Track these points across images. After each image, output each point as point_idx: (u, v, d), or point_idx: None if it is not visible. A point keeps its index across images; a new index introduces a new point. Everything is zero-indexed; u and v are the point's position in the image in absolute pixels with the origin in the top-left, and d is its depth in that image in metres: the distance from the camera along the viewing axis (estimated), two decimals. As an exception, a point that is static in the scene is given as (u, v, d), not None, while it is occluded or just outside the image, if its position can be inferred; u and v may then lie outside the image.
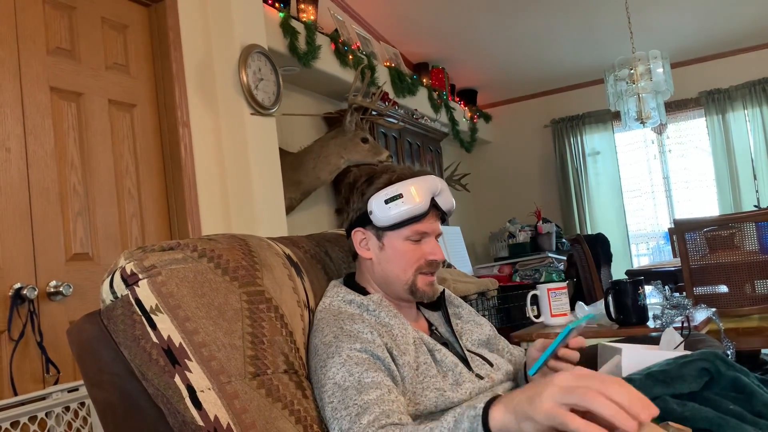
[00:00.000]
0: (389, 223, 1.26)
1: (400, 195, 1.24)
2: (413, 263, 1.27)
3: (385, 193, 1.25)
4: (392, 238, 1.28)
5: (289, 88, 3.85)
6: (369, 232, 1.30)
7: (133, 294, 1.04)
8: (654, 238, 6.33)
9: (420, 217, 1.26)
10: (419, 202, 1.25)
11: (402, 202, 1.24)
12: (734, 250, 3.24)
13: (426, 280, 1.29)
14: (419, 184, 1.27)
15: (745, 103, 5.75)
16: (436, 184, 1.29)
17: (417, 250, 1.28)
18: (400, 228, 1.27)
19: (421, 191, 1.26)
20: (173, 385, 0.99)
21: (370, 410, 1.01)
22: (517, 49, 5.63)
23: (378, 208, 1.26)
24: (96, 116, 2.33)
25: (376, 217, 1.26)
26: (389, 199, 1.25)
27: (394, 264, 1.28)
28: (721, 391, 0.98)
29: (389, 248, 1.28)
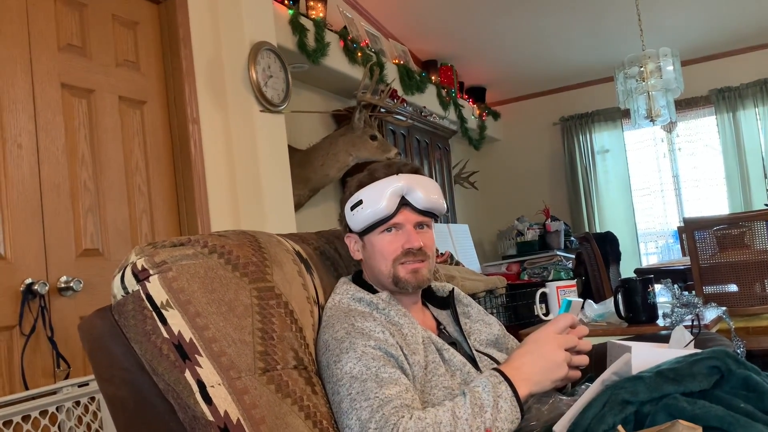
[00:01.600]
0: (360, 228, 1.29)
1: (360, 201, 1.27)
2: (390, 255, 1.28)
3: (350, 201, 1.30)
4: (370, 236, 1.30)
5: (297, 86, 3.85)
6: (354, 235, 1.33)
7: (144, 289, 1.05)
8: (663, 237, 6.30)
9: (388, 218, 1.27)
10: (381, 206, 1.26)
11: (362, 208, 1.27)
12: (744, 249, 3.23)
13: (407, 269, 1.27)
14: (379, 187, 1.27)
15: (756, 101, 5.71)
16: (404, 185, 1.27)
17: (393, 241, 1.28)
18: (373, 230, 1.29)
19: (382, 195, 1.26)
20: (183, 380, 1.00)
21: (392, 403, 1.02)
22: (526, 47, 5.61)
23: (348, 215, 1.31)
24: (106, 113, 2.34)
25: (350, 225, 1.31)
26: (352, 207, 1.29)
27: (375, 260, 1.30)
28: (731, 389, 0.98)
29: (369, 246, 1.31)
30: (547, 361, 1.10)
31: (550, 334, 1.14)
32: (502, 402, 1.05)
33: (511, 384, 1.07)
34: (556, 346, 1.12)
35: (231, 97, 2.70)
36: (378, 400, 1.02)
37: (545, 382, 1.10)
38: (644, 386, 0.97)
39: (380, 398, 1.03)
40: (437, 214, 1.34)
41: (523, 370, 1.10)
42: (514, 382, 1.07)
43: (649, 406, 0.96)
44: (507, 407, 1.05)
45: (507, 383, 1.07)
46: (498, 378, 1.08)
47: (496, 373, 1.10)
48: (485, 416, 1.03)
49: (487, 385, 1.07)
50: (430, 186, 1.32)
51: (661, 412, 0.94)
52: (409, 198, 1.28)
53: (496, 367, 1.13)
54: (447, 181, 5.33)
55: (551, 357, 1.11)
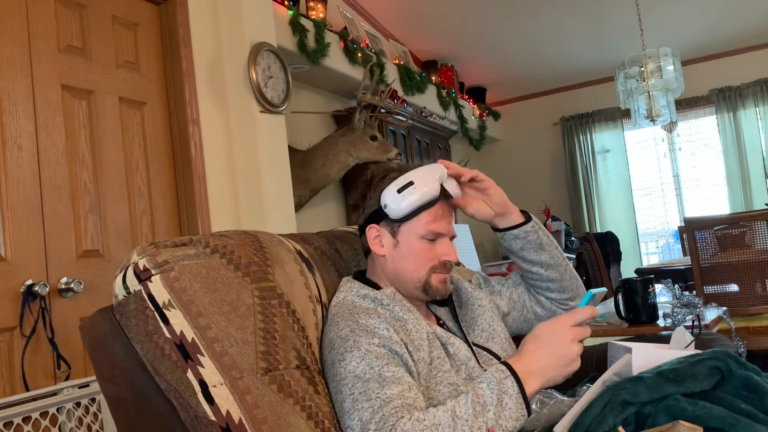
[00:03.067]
0: (403, 214, 1.26)
1: (411, 182, 1.25)
2: (427, 262, 1.27)
3: (397, 184, 1.26)
4: (407, 234, 1.27)
5: (298, 86, 3.85)
6: (383, 228, 1.30)
7: (146, 289, 1.05)
8: (663, 237, 6.30)
9: (432, 203, 1.26)
10: (429, 189, 1.26)
11: (414, 188, 1.24)
12: (745, 249, 3.23)
13: (440, 278, 1.28)
14: (426, 170, 1.28)
15: (756, 100, 5.71)
16: (441, 170, 1.30)
17: (431, 249, 1.28)
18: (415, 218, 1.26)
19: (429, 176, 1.27)
20: (185, 380, 1.00)
21: (392, 403, 1.02)
22: (526, 47, 5.61)
23: (391, 199, 1.26)
24: (107, 114, 2.34)
25: (391, 209, 1.26)
26: (401, 188, 1.25)
27: (408, 262, 1.28)
28: (732, 390, 0.98)
29: (404, 245, 1.28)
30: (560, 356, 1.07)
31: (566, 327, 1.09)
32: (506, 399, 1.03)
33: (518, 380, 1.05)
34: (571, 340, 1.08)
35: (231, 98, 2.70)
36: (379, 401, 1.02)
37: (557, 377, 1.07)
38: (645, 387, 0.97)
39: (381, 398, 1.03)
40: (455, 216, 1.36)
41: (534, 365, 1.07)
42: (522, 378, 1.05)
43: (650, 406, 0.96)
44: (512, 404, 1.02)
45: (513, 378, 1.05)
46: (504, 373, 1.06)
47: (503, 367, 1.07)
48: (487, 415, 1.01)
49: (492, 382, 1.05)
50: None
51: (662, 412, 0.94)
52: (446, 185, 1.30)
53: (505, 361, 1.10)
54: (447, 181, 5.32)
55: (565, 351, 1.07)
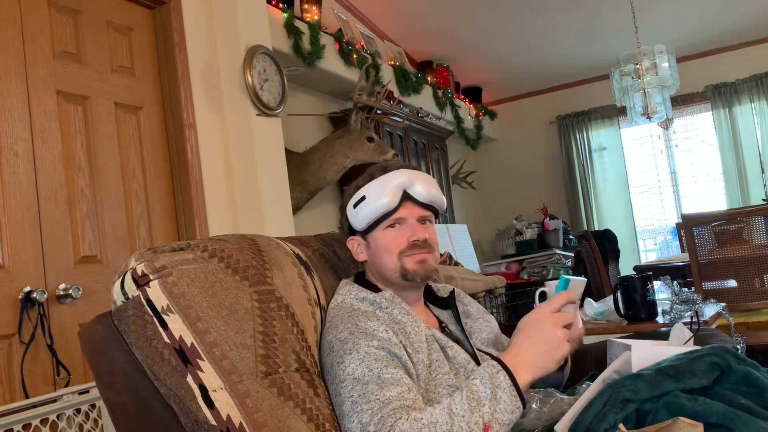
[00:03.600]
0: (363, 226, 1.30)
1: (363, 197, 1.29)
2: (396, 248, 1.28)
3: (353, 200, 1.31)
4: (374, 235, 1.31)
5: (294, 88, 3.85)
6: (357, 237, 1.34)
7: (145, 294, 1.05)
8: (661, 234, 6.31)
9: (391, 212, 1.28)
10: (385, 201, 1.27)
11: (366, 204, 1.28)
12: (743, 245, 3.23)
13: (414, 260, 1.28)
14: (383, 181, 1.29)
15: (752, 96, 5.72)
16: (405, 179, 1.29)
17: (398, 236, 1.29)
18: (377, 226, 1.29)
19: (384, 189, 1.28)
20: (185, 384, 1.00)
21: (391, 405, 1.02)
22: (521, 46, 5.62)
23: (351, 215, 1.31)
24: (102, 119, 2.34)
25: (353, 224, 1.32)
26: (355, 204, 1.30)
27: (381, 257, 1.30)
28: (731, 385, 0.98)
29: (374, 244, 1.31)
30: (546, 343, 1.09)
31: (545, 314, 1.12)
32: (500, 392, 1.04)
33: (510, 373, 1.06)
34: (553, 325, 1.10)
35: (227, 102, 2.70)
36: (379, 403, 1.03)
37: (548, 364, 1.09)
38: (645, 384, 0.97)
39: (381, 400, 1.03)
40: (438, 209, 1.35)
41: (523, 356, 1.09)
42: (513, 371, 1.07)
43: (650, 403, 0.97)
44: (506, 397, 1.04)
45: (505, 372, 1.06)
46: (496, 368, 1.07)
47: (494, 362, 1.09)
48: (483, 410, 1.02)
49: (484, 377, 1.06)
50: (429, 180, 1.34)
51: (662, 409, 0.94)
52: (411, 191, 1.30)
53: (495, 356, 1.13)
54: (445, 181, 5.34)
55: (550, 337, 1.10)
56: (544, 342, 1.10)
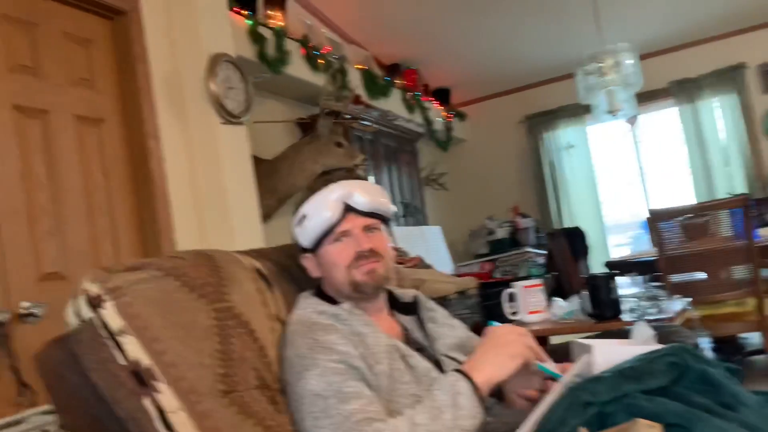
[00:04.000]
0: (310, 243, 1.30)
1: (304, 216, 1.29)
2: (343, 262, 1.28)
3: (295, 220, 1.31)
4: (322, 251, 1.30)
5: (260, 95, 3.82)
6: (309, 254, 1.33)
7: (99, 316, 1.03)
8: (631, 229, 6.39)
9: (334, 226, 1.27)
10: (326, 215, 1.27)
11: (308, 221, 1.28)
12: (709, 238, 3.29)
13: (362, 271, 1.28)
14: (321, 196, 1.29)
15: (714, 91, 5.82)
16: (343, 191, 1.28)
17: (345, 249, 1.29)
18: (323, 242, 1.29)
19: (325, 203, 1.28)
20: (142, 407, 0.98)
21: (353, 418, 1.02)
22: (488, 47, 5.65)
23: (297, 233, 1.32)
24: (62, 133, 2.29)
25: (301, 242, 1.32)
26: (297, 223, 1.31)
27: (331, 271, 1.30)
28: (690, 384, 0.99)
29: (323, 260, 1.31)
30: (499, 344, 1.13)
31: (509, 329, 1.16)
32: (461, 399, 1.06)
33: (470, 379, 1.08)
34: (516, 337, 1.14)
35: (191, 111, 2.67)
36: (340, 417, 1.02)
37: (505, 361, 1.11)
38: (605, 387, 0.98)
39: (342, 414, 1.02)
40: (384, 215, 1.34)
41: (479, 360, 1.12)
42: (473, 377, 1.09)
43: (610, 406, 0.97)
44: (467, 403, 1.06)
45: (465, 379, 1.08)
46: (456, 376, 1.10)
47: (454, 372, 1.11)
48: (444, 417, 1.04)
49: (444, 386, 1.08)
50: (371, 188, 1.33)
51: (622, 411, 0.95)
52: (351, 202, 1.28)
53: (456, 366, 1.15)
54: (417, 183, 5.34)
55: (502, 339, 1.14)
56: (497, 344, 1.13)
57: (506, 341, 1.13)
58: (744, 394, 0.96)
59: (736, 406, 0.94)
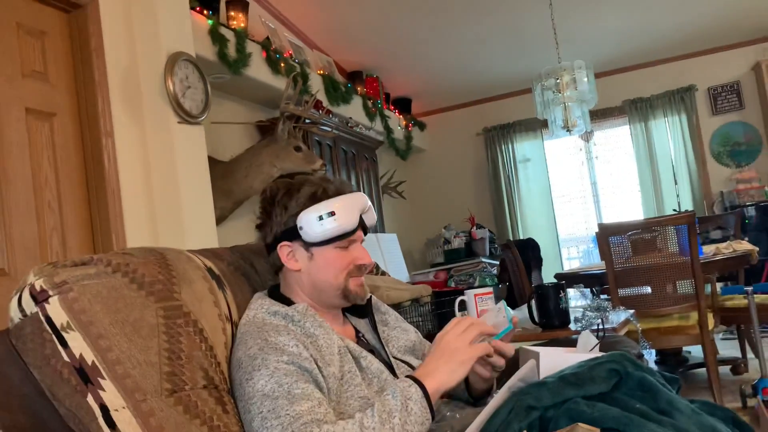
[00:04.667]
0: (319, 240, 1.27)
1: (333, 213, 1.26)
2: (344, 269, 1.29)
3: (317, 210, 1.26)
4: (322, 249, 1.29)
5: (219, 96, 3.79)
6: (296, 244, 1.30)
7: (43, 311, 1.01)
8: (584, 242, 6.54)
9: (349, 234, 1.29)
10: (349, 221, 1.28)
11: (334, 219, 1.25)
12: (656, 253, 3.38)
13: (357, 282, 1.31)
14: (350, 202, 1.29)
15: (665, 111, 6.02)
16: (364, 202, 1.33)
17: (346, 256, 1.30)
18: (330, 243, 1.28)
19: (351, 209, 1.29)
20: (86, 404, 0.96)
21: (302, 419, 1.01)
22: (449, 59, 5.72)
23: (308, 224, 1.26)
24: (12, 126, 2.24)
25: (306, 233, 1.27)
26: (322, 216, 1.25)
27: (324, 272, 1.29)
28: (628, 390, 1.02)
29: (319, 258, 1.29)
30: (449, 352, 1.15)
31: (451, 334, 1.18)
32: (411, 404, 1.08)
33: (422, 385, 1.11)
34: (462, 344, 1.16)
35: (147, 109, 2.63)
36: (289, 417, 1.02)
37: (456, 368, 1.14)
38: (548, 391, 1.01)
39: (291, 415, 1.02)
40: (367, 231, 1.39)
41: (430, 367, 1.14)
42: (422, 379, 1.12)
43: (552, 410, 1.00)
44: (417, 409, 1.08)
45: (417, 385, 1.11)
46: (408, 382, 1.12)
47: (406, 378, 1.14)
48: (393, 421, 1.05)
49: (396, 391, 1.10)
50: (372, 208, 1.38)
51: (563, 416, 0.97)
52: (365, 216, 1.33)
53: (408, 372, 1.18)
54: (375, 191, 5.36)
55: (452, 346, 1.16)
56: (448, 352, 1.15)
57: (455, 348, 1.16)
58: (679, 401, 1.00)
59: (672, 412, 0.97)
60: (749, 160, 5.87)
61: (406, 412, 1.06)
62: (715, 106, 5.95)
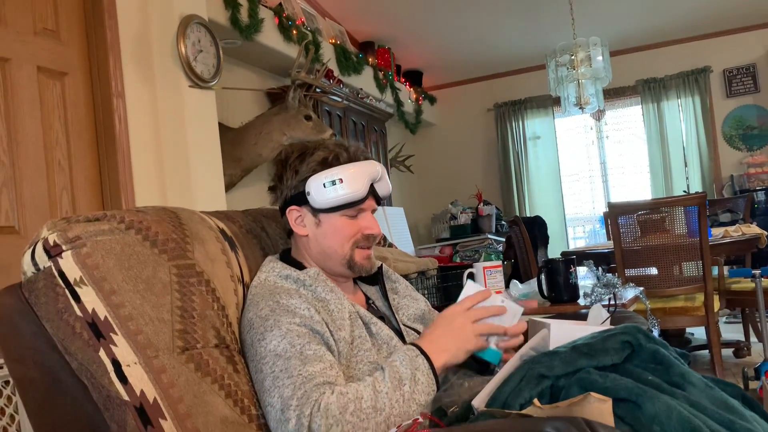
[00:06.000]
0: (326, 207, 1.25)
1: (340, 179, 1.23)
2: (350, 237, 1.28)
3: (325, 176, 1.24)
4: (330, 216, 1.28)
5: (230, 62, 3.76)
6: (305, 209, 1.29)
7: (56, 266, 1.00)
8: (590, 222, 6.51)
9: (359, 202, 1.26)
10: (358, 189, 1.25)
11: (341, 187, 1.23)
12: (664, 234, 3.37)
13: (363, 254, 1.29)
14: (360, 169, 1.26)
15: (678, 92, 5.95)
16: (376, 170, 1.29)
17: (354, 225, 1.28)
18: (338, 210, 1.26)
19: (360, 177, 1.25)
20: (98, 359, 0.96)
21: (315, 380, 1.02)
22: (462, 32, 5.65)
23: (316, 190, 1.24)
24: (24, 84, 2.22)
25: (313, 199, 1.25)
26: (329, 183, 1.23)
27: (331, 240, 1.28)
28: (641, 363, 1.02)
29: (326, 225, 1.28)
30: (458, 336, 1.15)
31: (459, 312, 1.18)
32: (419, 374, 1.08)
33: (428, 357, 1.11)
34: (465, 321, 1.16)
35: (158, 72, 2.61)
36: (301, 378, 1.02)
37: (459, 354, 1.15)
38: (560, 361, 1.00)
39: (303, 375, 1.02)
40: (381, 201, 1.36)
41: (438, 344, 1.14)
42: (430, 355, 1.12)
43: (564, 380, 0.99)
44: (424, 379, 1.09)
45: (423, 356, 1.11)
46: (415, 352, 1.12)
47: (412, 347, 1.14)
48: (404, 389, 1.06)
49: (404, 359, 1.10)
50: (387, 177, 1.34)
51: (575, 385, 0.97)
52: (376, 185, 1.30)
53: (413, 341, 1.17)
54: (383, 164, 5.33)
55: (460, 332, 1.15)
56: (456, 337, 1.15)
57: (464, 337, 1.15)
58: (692, 374, 1.00)
59: (684, 385, 0.97)
60: (761, 144, 5.81)
61: (414, 382, 1.08)
62: (730, 89, 5.88)
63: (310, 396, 1.00)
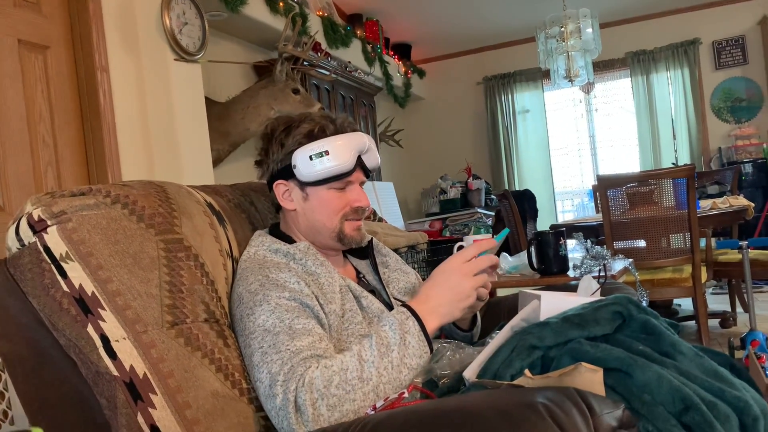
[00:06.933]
0: (313, 180, 1.24)
1: (326, 152, 1.21)
2: (339, 211, 1.27)
3: (311, 149, 1.22)
4: (317, 189, 1.26)
5: (216, 35, 3.70)
6: (292, 183, 1.27)
7: (42, 241, 0.99)
8: (579, 195, 6.53)
9: (346, 175, 1.25)
10: (345, 161, 1.23)
11: (327, 159, 1.21)
12: (652, 206, 3.38)
13: (353, 226, 1.29)
14: (346, 141, 1.24)
15: (668, 64, 5.94)
16: (363, 142, 1.27)
17: (342, 197, 1.27)
18: (325, 183, 1.25)
19: (347, 149, 1.23)
20: (86, 334, 0.95)
21: (301, 354, 1.01)
22: (451, 4, 5.58)
23: (302, 163, 1.22)
24: (4, 57, 2.17)
25: (300, 172, 1.24)
26: (315, 155, 1.21)
27: (319, 213, 1.26)
28: (632, 333, 1.02)
29: (314, 198, 1.27)
30: (453, 291, 1.12)
31: (456, 265, 1.14)
32: (409, 338, 1.06)
33: (419, 318, 1.08)
34: (463, 275, 1.13)
35: (143, 45, 2.56)
36: (289, 353, 1.02)
37: (454, 311, 1.12)
38: (551, 332, 1.00)
39: (291, 350, 1.02)
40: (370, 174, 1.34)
41: (431, 302, 1.11)
42: (422, 316, 1.09)
43: (555, 350, 1.00)
44: (414, 342, 1.06)
45: (414, 318, 1.08)
46: (405, 314, 1.09)
47: (403, 309, 1.11)
48: (392, 355, 1.03)
49: (393, 323, 1.07)
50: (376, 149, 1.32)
51: (566, 355, 0.97)
52: (364, 157, 1.28)
53: (404, 302, 1.14)
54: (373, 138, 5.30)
55: (458, 288, 1.12)
56: (452, 291, 1.12)
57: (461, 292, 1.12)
58: (682, 344, 1.00)
59: (674, 355, 0.97)
60: (749, 116, 5.83)
61: (404, 346, 1.05)
62: (719, 61, 5.87)
63: (295, 371, 1.00)
